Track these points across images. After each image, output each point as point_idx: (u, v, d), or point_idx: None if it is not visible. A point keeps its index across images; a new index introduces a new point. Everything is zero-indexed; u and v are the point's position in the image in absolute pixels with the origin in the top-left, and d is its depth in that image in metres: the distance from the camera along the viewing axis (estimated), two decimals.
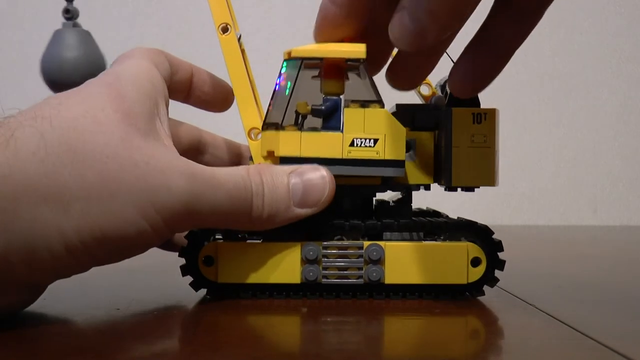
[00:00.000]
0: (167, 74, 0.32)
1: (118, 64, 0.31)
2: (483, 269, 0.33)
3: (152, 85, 0.30)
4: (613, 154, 1.03)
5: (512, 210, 1.00)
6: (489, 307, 0.32)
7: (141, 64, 0.31)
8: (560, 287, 0.39)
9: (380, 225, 0.33)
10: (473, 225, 0.33)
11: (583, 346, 0.24)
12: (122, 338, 0.26)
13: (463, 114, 0.33)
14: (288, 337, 0.27)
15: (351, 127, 0.32)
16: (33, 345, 0.24)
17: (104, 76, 0.29)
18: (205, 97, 0.36)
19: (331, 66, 0.33)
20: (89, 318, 0.29)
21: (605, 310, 0.32)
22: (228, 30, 0.34)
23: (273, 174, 0.30)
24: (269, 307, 0.31)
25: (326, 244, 0.32)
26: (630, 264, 0.51)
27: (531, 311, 0.31)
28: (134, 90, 0.28)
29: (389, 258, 0.32)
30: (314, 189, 0.31)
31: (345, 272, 0.32)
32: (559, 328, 0.27)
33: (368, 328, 0.28)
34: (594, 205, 1.02)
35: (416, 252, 0.32)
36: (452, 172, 0.33)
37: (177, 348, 0.25)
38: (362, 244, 0.32)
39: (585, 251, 0.61)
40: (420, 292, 0.33)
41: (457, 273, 0.32)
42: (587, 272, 0.44)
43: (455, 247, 0.33)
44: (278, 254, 0.32)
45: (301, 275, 0.32)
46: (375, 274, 0.32)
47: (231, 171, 0.30)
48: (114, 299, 0.32)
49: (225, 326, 0.28)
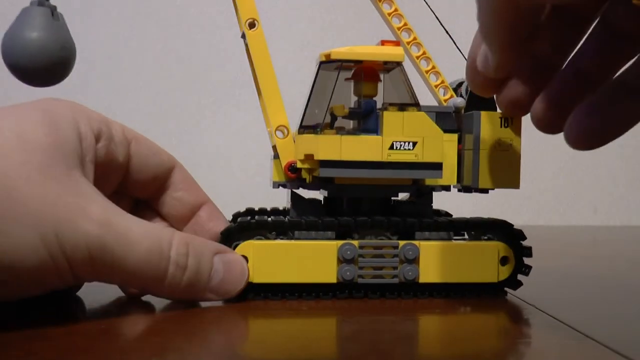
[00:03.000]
0: (98, 134, 0.30)
1: (51, 100, 0.29)
2: (511, 267, 0.34)
3: (86, 134, 0.29)
4: (613, 154, 1.03)
5: (512, 210, 1.00)
6: (489, 307, 0.32)
7: (76, 109, 0.29)
8: (561, 287, 0.39)
9: (419, 224, 0.33)
10: (509, 225, 0.34)
11: (583, 346, 0.24)
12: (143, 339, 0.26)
13: (491, 117, 0.33)
14: (325, 337, 0.27)
15: (390, 130, 0.33)
16: (39, 345, 0.24)
17: (39, 102, 0.28)
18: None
19: (369, 69, 0.34)
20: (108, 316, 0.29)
21: (605, 310, 0.32)
22: (255, 26, 0.33)
23: (200, 250, 0.29)
24: (298, 307, 0.31)
25: (362, 243, 0.32)
26: (630, 264, 0.51)
27: (531, 311, 0.31)
28: (70, 127, 0.27)
29: (423, 257, 0.33)
30: (231, 281, 0.30)
31: (381, 272, 0.32)
32: (559, 328, 0.27)
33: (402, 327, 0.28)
34: (594, 205, 1.02)
35: (449, 251, 0.33)
36: (479, 174, 0.33)
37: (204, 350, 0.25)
38: (398, 244, 0.32)
39: (585, 251, 0.61)
40: (450, 291, 0.33)
41: (489, 271, 0.33)
42: (587, 272, 0.44)
43: (487, 246, 0.33)
44: (313, 253, 0.32)
45: (337, 275, 0.32)
46: (410, 273, 0.32)
47: (151, 232, 0.28)
48: (123, 299, 0.32)
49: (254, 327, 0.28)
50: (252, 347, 0.25)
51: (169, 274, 0.28)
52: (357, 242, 0.32)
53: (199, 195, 0.35)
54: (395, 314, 0.30)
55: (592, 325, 0.27)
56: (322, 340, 0.27)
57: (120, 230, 0.27)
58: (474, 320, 0.30)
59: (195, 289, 0.29)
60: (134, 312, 0.30)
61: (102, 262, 0.26)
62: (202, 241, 0.30)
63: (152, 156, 0.33)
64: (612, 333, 0.26)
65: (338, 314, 0.30)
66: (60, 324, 0.27)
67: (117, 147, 0.31)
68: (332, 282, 0.32)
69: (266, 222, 0.32)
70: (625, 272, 0.46)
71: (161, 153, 0.34)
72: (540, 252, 0.56)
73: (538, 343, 0.25)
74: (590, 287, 0.39)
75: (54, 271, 0.25)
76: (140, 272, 0.27)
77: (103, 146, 0.30)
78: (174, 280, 0.28)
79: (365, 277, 0.32)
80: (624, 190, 1.03)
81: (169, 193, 0.34)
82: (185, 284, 0.29)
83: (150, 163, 0.33)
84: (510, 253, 0.34)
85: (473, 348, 0.25)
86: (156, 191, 0.34)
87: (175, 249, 0.28)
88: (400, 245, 0.32)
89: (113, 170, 0.31)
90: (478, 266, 0.33)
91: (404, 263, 0.32)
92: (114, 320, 0.29)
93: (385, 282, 0.32)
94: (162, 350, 0.24)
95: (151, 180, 0.33)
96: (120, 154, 0.31)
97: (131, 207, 0.34)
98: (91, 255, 0.26)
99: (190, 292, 0.29)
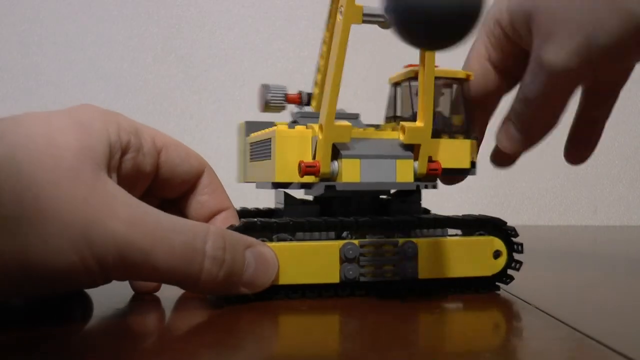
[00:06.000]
0: (125, 143, 0.30)
1: (83, 107, 0.29)
2: (504, 261, 0.35)
3: (115, 144, 0.29)
4: (613, 154, 1.03)
5: (512, 210, 1.00)
6: (489, 307, 0.32)
7: (106, 118, 0.29)
8: (561, 287, 0.39)
9: (424, 221, 0.34)
10: (501, 222, 0.35)
11: (583, 346, 0.24)
12: (140, 338, 0.26)
13: None
14: (328, 335, 0.27)
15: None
16: (47, 345, 0.24)
17: (71, 109, 0.28)
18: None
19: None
20: (107, 316, 0.29)
21: (605, 310, 0.32)
22: (342, 14, 0.31)
23: (235, 243, 0.29)
24: (299, 307, 0.31)
25: (363, 242, 0.32)
26: (630, 264, 0.51)
27: (531, 311, 0.31)
28: (100, 134, 0.28)
29: (422, 254, 0.33)
30: (263, 274, 0.30)
31: (382, 270, 0.33)
32: (559, 328, 0.27)
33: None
34: (594, 205, 1.02)
35: (446, 247, 0.34)
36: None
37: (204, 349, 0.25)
38: (397, 241, 0.33)
39: (585, 251, 0.61)
40: (446, 286, 0.34)
41: (483, 265, 0.34)
42: (587, 272, 0.44)
43: (481, 240, 0.34)
44: (316, 254, 0.32)
45: (340, 274, 0.32)
46: (410, 270, 0.33)
47: (184, 227, 0.28)
48: (136, 297, 0.33)
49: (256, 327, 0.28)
50: (254, 346, 0.25)
51: (205, 269, 0.28)
52: (357, 241, 0.32)
53: (222, 200, 0.35)
54: (396, 311, 0.30)
55: (592, 325, 0.27)
56: (324, 337, 0.27)
57: (149, 228, 0.26)
58: (474, 319, 0.30)
59: (230, 283, 0.29)
60: (140, 312, 0.30)
61: (133, 260, 0.26)
62: (234, 234, 0.30)
63: (180, 164, 0.33)
64: (612, 333, 0.26)
65: (341, 312, 0.30)
66: (67, 323, 0.27)
67: (145, 158, 0.31)
68: (335, 281, 0.32)
69: (271, 223, 0.32)
70: (625, 272, 0.46)
71: (190, 158, 0.34)
72: (540, 251, 0.56)
73: (538, 342, 0.25)
74: (591, 287, 0.39)
75: (83, 273, 0.25)
76: (174, 269, 0.27)
77: (131, 158, 0.30)
78: (210, 275, 0.28)
79: (366, 275, 0.32)
80: (624, 190, 1.03)
81: (194, 196, 0.35)
82: (222, 278, 0.29)
83: (178, 170, 0.33)
84: (503, 247, 0.35)
85: (474, 346, 0.25)
86: (182, 193, 0.35)
87: (212, 242, 0.28)
88: (400, 243, 0.33)
89: (140, 180, 0.32)
90: (473, 261, 0.34)
91: (404, 260, 0.33)
92: (121, 319, 0.29)
93: (386, 279, 0.33)
94: (162, 350, 0.24)
95: (179, 185, 0.34)
96: (148, 164, 0.31)
97: (157, 206, 0.35)
98: (121, 254, 0.26)
99: (225, 286, 0.29)
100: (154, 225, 0.27)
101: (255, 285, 0.30)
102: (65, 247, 0.24)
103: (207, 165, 0.35)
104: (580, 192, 1.02)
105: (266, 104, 0.39)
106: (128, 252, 0.26)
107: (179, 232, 0.27)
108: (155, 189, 0.33)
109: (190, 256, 0.27)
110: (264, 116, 0.40)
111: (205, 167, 0.35)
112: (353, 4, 0.30)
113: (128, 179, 0.30)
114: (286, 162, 0.33)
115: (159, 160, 0.32)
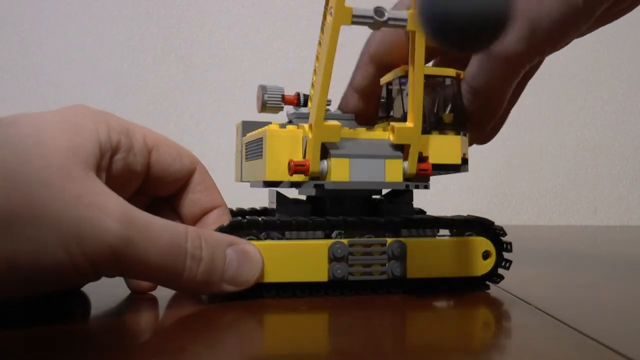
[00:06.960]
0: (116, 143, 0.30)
1: (73, 108, 0.29)
2: (493, 262, 0.35)
3: (105, 144, 0.29)
4: (613, 154, 1.03)
5: (512, 210, 1.00)
6: (489, 307, 0.32)
7: (97, 118, 0.29)
8: (561, 287, 0.39)
9: (411, 221, 0.34)
10: (490, 222, 0.35)
11: (583, 346, 0.24)
12: (138, 336, 0.26)
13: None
14: (318, 333, 0.27)
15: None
16: (52, 345, 0.24)
17: (61, 110, 0.28)
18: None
19: None
20: (106, 316, 0.29)
21: (605, 310, 0.32)
22: (332, 15, 0.31)
23: (214, 242, 0.30)
24: (292, 305, 0.31)
25: (352, 241, 0.32)
26: (630, 264, 0.51)
27: (531, 311, 0.31)
28: (90, 134, 0.28)
29: (410, 254, 0.33)
30: (246, 271, 0.31)
31: (370, 269, 0.33)
32: (558, 328, 0.27)
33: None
34: (594, 205, 1.03)
35: (434, 247, 0.34)
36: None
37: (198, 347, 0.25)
38: (386, 241, 0.33)
39: (585, 251, 0.61)
40: (435, 285, 0.34)
41: (472, 266, 0.34)
42: (587, 272, 0.44)
43: (470, 241, 0.34)
44: (305, 252, 0.32)
45: (329, 273, 0.32)
46: (398, 269, 0.33)
47: (168, 225, 0.28)
48: (132, 296, 0.33)
49: (249, 325, 0.28)
50: (249, 344, 0.25)
51: (187, 267, 0.28)
52: (346, 240, 0.32)
53: (214, 198, 0.35)
54: (385, 309, 0.30)
55: (592, 325, 0.27)
56: (315, 334, 0.27)
57: (141, 225, 0.27)
58: (472, 318, 0.30)
59: (211, 281, 0.30)
60: (135, 310, 0.30)
61: (126, 257, 0.26)
62: (214, 234, 0.31)
63: (172, 162, 0.33)
64: (612, 333, 0.26)
65: (330, 311, 0.30)
66: (63, 322, 0.27)
67: (136, 158, 0.31)
68: (324, 280, 0.32)
69: (257, 222, 0.32)
70: (625, 272, 0.46)
71: (182, 156, 0.34)
72: (540, 251, 0.56)
73: (537, 342, 0.25)
74: (591, 287, 0.39)
75: (72, 271, 0.25)
76: (162, 266, 0.28)
77: (121, 158, 0.30)
78: (191, 272, 0.29)
79: (355, 274, 0.32)
80: (624, 190, 1.03)
81: (186, 194, 0.35)
82: (201, 276, 0.29)
83: (170, 169, 0.33)
84: (491, 247, 0.35)
85: (473, 346, 0.25)
86: (174, 191, 0.35)
87: (191, 241, 0.29)
88: (388, 242, 0.33)
89: (131, 179, 0.32)
90: (461, 261, 0.34)
91: (392, 260, 0.33)
92: (118, 318, 0.29)
93: (375, 278, 0.33)
94: (161, 350, 0.24)
95: (170, 183, 0.34)
96: (139, 163, 0.32)
97: (148, 203, 0.35)
98: (114, 251, 0.26)
99: (206, 284, 0.30)
100: (144, 223, 0.27)
101: (239, 282, 0.30)
102: (54, 245, 0.24)
103: (199, 163, 0.35)
104: (580, 192, 1.02)
105: (263, 105, 0.39)
106: (122, 249, 0.26)
107: (165, 230, 0.28)
108: (146, 188, 0.33)
109: (176, 252, 0.28)
110: (262, 117, 0.40)
111: (197, 165, 0.35)
112: (343, 5, 0.30)
113: (119, 178, 0.30)
114: (277, 161, 0.33)
115: (150, 160, 0.32)
